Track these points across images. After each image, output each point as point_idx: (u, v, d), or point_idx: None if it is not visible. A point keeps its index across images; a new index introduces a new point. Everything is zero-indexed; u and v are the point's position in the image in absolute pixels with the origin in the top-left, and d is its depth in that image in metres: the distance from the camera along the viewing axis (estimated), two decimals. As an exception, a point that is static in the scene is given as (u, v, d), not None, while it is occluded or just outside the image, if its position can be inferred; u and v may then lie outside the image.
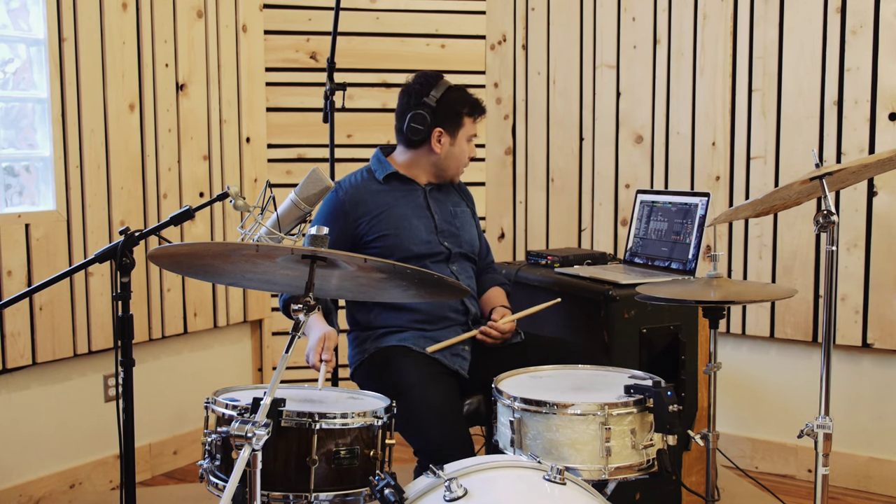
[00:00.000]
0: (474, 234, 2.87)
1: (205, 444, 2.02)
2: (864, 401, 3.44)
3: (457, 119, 2.71)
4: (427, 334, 2.63)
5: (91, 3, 3.28)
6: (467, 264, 2.81)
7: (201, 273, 2.05)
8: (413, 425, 2.38)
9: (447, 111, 2.69)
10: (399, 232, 2.67)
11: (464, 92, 2.75)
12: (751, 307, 3.61)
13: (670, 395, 2.04)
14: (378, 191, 2.72)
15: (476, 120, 2.75)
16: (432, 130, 2.69)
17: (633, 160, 3.88)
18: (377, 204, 2.69)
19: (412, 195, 2.75)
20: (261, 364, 4.06)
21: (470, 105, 2.73)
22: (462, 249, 2.78)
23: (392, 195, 2.72)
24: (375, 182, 2.73)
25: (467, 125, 2.73)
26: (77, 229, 3.27)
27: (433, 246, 2.71)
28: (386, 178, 2.73)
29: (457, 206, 2.85)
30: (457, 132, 2.71)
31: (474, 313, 2.74)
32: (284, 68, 4.00)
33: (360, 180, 2.74)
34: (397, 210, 2.69)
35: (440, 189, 2.83)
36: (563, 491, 1.80)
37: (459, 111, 2.71)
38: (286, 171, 4.01)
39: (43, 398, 3.26)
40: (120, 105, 3.39)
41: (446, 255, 2.73)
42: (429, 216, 2.74)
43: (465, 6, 4.17)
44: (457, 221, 2.80)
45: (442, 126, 2.69)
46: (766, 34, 3.52)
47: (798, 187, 2.21)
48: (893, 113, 3.29)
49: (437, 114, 2.68)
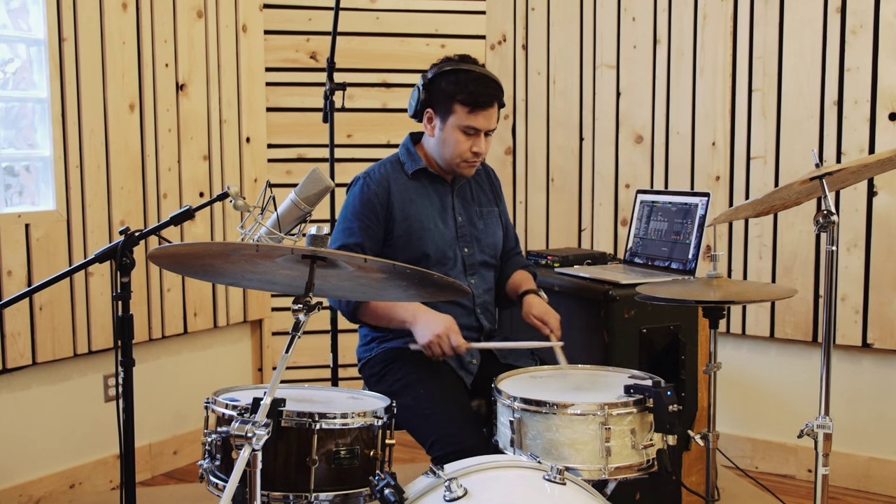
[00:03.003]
0: (499, 236, 2.75)
1: (205, 444, 2.02)
2: (864, 401, 3.44)
3: (446, 103, 2.54)
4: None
5: (91, 3, 3.28)
6: (488, 274, 2.71)
7: (201, 273, 2.04)
8: (424, 418, 2.35)
9: (438, 93, 2.55)
10: (423, 234, 2.58)
11: (471, 78, 2.53)
12: (751, 307, 3.61)
13: (670, 395, 2.04)
14: (407, 186, 2.62)
15: (475, 112, 2.52)
16: (424, 110, 2.59)
17: (633, 160, 3.88)
18: (405, 199, 2.60)
19: (439, 194, 2.65)
20: (261, 364, 4.06)
21: (467, 93, 2.51)
22: (484, 255, 2.68)
23: (419, 192, 2.62)
24: (405, 176, 2.63)
25: (459, 113, 2.52)
26: (77, 229, 3.27)
27: (453, 251, 2.62)
28: (415, 173, 2.64)
29: (483, 206, 2.74)
30: (446, 118, 2.54)
31: (488, 329, 2.67)
32: (284, 68, 4.00)
33: (390, 171, 2.63)
34: (423, 209, 2.60)
35: (469, 186, 2.72)
36: (563, 491, 1.80)
37: (452, 96, 2.52)
38: (286, 171, 4.01)
39: (43, 398, 3.26)
40: (120, 105, 3.39)
41: (463, 263, 2.64)
42: (452, 218, 2.65)
43: (465, 6, 4.17)
44: (481, 223, 2.70)
45: (432, 108, 2.58)
46: (766, 34, 3.52)
47: (798, 187, 2.21)
48: (893, 113, 3.29)
49: (429, 93, 2.56)
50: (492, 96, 2.54)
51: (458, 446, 2.24)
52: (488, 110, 2.54)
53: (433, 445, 2.33)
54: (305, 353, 3.96)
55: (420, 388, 2.42)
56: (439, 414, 2.36)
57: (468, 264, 2.65)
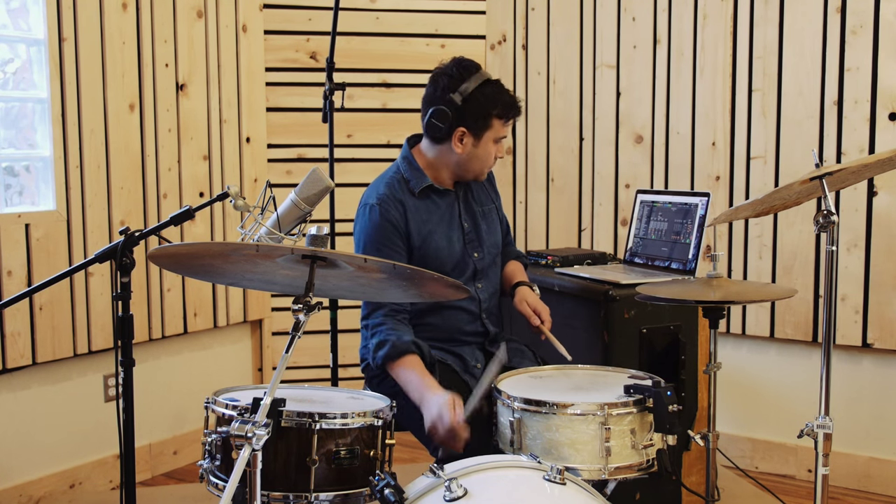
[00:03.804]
0: (499, 233, 2.72)
1: (205, 444, 2.02)
2: (864, 401, 3.44)
3: (484, 120, 2.47)
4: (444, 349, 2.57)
5: (91, 3, 3.28)
6: (494, 277, 2.69)
7: (201, 273, 2.05)
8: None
9: (474, 111, 2.45)
10: (438, 251, 2.53)
11: (498, 89, 2.49)
12: (751, 307, 3.61)
13: (670, 395, 2.04)
14: (418, 208, 2.53)
15: (508, 122, 2.50)
16: (454, 129, 2.47)
17: (633, 160, 3.88)
18: (419, 223, 2.52)
19: (446, 206, 2.59)
20: (261, 364, 4.06)
21: (503, 105, 2.47)
22: (490, 257, 2.66)
23: (428, 209, 2.55)
24: (412, 196, 2.53)
25: (496, 127, 2.48)
26: (77, 229, 3.27)
27: (464, 259, 2.59)
28: (422, 191, 2.55)
29: (484, 206, 2.70)
30: (482, 134, 2.48)
31: (493, 333, 2.65)
32: (284, 68, 4.00)
33: (398, 191, 2.53)
34: (432, 226, 2.54)
35: (469, 189, 2.66)
36: (563, 491, 1.80)
37: (489, 112, 2.46)
38: (286, 171, 4.01)
39: (43, 398, 3.26)
40: (120, 105, 3.39)
41: (473, 269, 2.61)
42: (459, 227, 2.60)
43: (465, 6, 4.17)
44: (483, 224, 2.67)
45: (465, 126, 2.46)
46: (766, 34, 3.52)
47: (798, 187, 2.21)
48: (893, 113, 3.29)
49: (462, 112, 2.45)
50: (519, 101, 2.54)
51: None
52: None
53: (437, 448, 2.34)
54: (305, 353, 3.96)
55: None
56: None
57: (479, 269, 2.62)
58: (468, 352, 2.59)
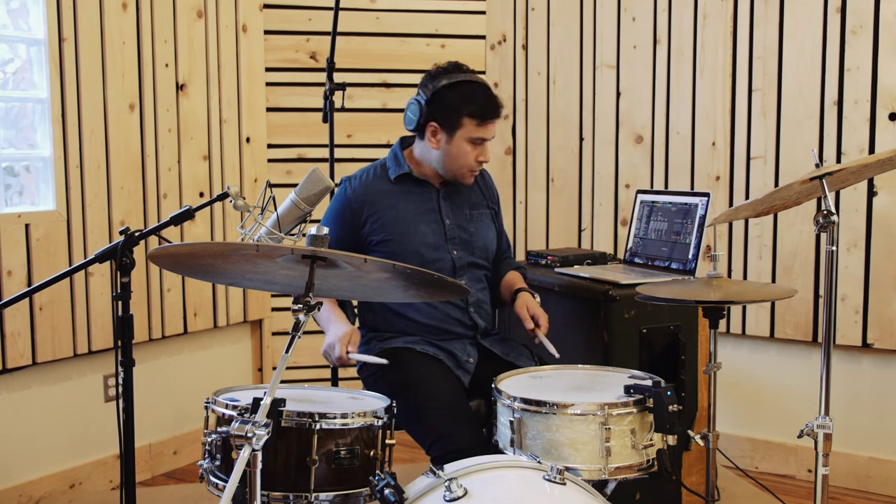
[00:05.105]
0: (490, 237, 2.73)
1: (205, 444, 2.03)
2: (864, 401, 3.44)
3: (453, 117, 2.51)
4: (434, 345, 2.59)
5: (91, 3, 3.28)
6: (479, 273, 2.70)
7: (201, 273, 2.05)
8: (423, 418, 2.36)
9: (444, 106, 2.51)
10: (404, 238, 2.58)
11: (476, 90, 2.53)
12: (751, 307, 3.61)
13: (670, 395, 2.04)
14: (388, 191, 2.62)
15: (484, 124, 2.53)
16: (427, 123, 2.55)
17: (633, 160, 3.88)
18: (384, 205, 2.60)
19: (424, 197, 2.64)
20: (261, 364, 4.06)
21: (475, 104, 2.51)
22: (473, 258, 2.67)
23: (402, 197, 2.62)
24: (387, 181, 2.63)
25: (468, 126, 2.51)
26: (77, 229, 3.27)
27: (440, 253, 2.61)
28: (398, 178, 2.63)
29: (474, 209, 2.72)
30: (454, 132, 2.52)
31: (483, 327, 2.67)
32: (284, 68, 4.00)
33: (372, 177, 2.64)
34: (405, 214, 2.60)
35: (457, 189, 2.69)
36: (563, 491, 1.80)
37: (459, 110, 2.51)
38: (286, 171, 4.01)
39: (43, 398, 3.26)
40: (120, 105, 3.39)
41: (451, 266, 2.62)
42: (439, 221, 2.64)
43: (465, 6, 4.17)
44: (471, 226, 2.68)
45: (437, 121, 2.53)
46: (766, 34, 3.52)
47: (798, 187, 2.21)
48: (893, 113, 3.29)
49: (431, 106, 2.52)
50: (498, 107, 2.57)
51: (457, 446, 2.24)
52: (495, 121, 2.57)
53: (432, 446, 2.34)
54: (305, 353, 3.95)
55: (417, 388, 2.42)
56: (436, 414, 2.37)
57: (458, 266, 2.64)
58: (459, 347, 2.60)
